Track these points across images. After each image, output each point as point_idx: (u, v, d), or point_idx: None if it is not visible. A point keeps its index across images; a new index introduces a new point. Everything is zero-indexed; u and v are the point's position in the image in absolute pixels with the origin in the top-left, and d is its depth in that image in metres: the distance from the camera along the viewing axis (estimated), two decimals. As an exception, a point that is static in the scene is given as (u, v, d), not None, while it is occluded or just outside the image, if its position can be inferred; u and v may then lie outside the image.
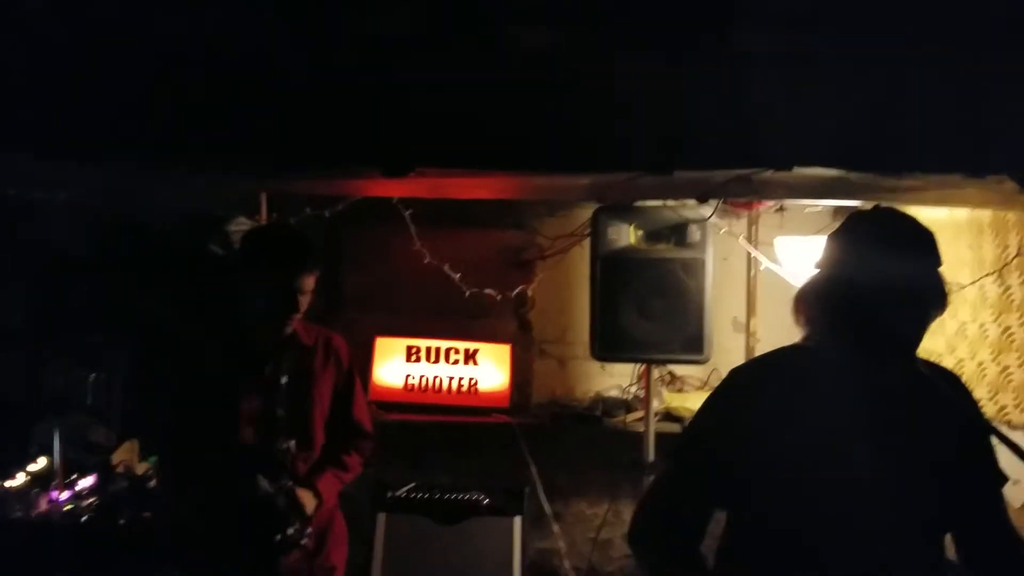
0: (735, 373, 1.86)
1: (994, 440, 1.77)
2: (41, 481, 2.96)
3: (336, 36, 2.02)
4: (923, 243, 1.73)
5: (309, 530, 2.43)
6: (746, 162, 2.08)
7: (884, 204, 1.98)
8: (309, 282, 2.39)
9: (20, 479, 3.00)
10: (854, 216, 1.82)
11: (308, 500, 2.44)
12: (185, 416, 2.40)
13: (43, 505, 2.91)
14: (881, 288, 1.66)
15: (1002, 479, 1.81)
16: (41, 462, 3.03)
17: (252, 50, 2.01)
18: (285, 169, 2.31)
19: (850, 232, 1.77)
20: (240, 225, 3.18)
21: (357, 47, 2.04)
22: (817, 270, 1.80)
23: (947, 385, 1.78)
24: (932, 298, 1.71)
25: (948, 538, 1.82)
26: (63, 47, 2.05)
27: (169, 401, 2.47)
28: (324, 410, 2.56)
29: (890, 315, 1.67)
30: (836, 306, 1.73)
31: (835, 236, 1.79)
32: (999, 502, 1.82)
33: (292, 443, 2.43)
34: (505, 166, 2.13)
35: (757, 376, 1.85)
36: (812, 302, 1.78)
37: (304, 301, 2.39)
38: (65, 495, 2.93)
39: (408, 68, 2.04)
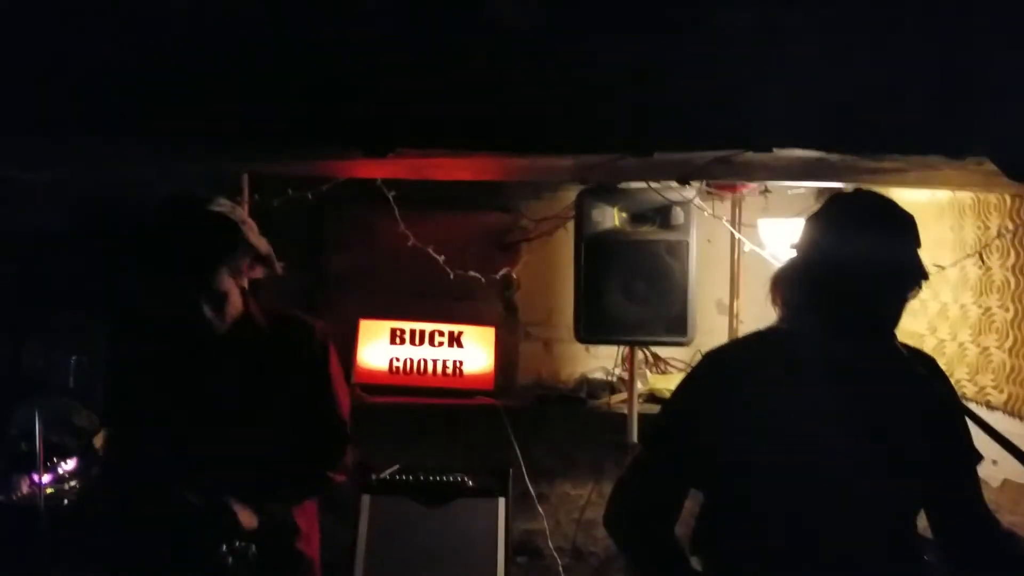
0: (709, 356, 1.87)
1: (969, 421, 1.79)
2: (22, 464, 2.95)
3: (315, 13, 2.00)
4: (902, 225, 1.74)
5: (252, 549, 2.12)
6: (726, 143, 2.07)
7: (865, 186, 1.99)
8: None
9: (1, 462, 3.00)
10: (833, 198, 1.83)
11: (246, 517, 2.14)
12: (125, 405, 2.26)
13: (24, 488, 2.90)
14: (859, 269, 1.68)
15: (975, 458, 1.83)
16: (22, 445, 3.01)
17: (229, 27, 1.98)
18: (263, 149, 2.29)
19: (829, 214, 1.78)
20: (221, 206, 3.15)
21: (336, 25, 2.02)
22: (794, 252, 1.81)
23: (923, 366, 1.79)
24: (910, 280, 1.72)
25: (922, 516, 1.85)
26: (40, 23, 2.02)
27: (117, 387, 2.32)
28: (288, 410, 2.28)
29: (868, 296, 1.69)
30: (813, 288, 1.74)
31: (814, 218, 1.80)
32: (972, 481, 1.84)
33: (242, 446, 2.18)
34: (485, 147, 2.12)
35: (731, 359, 1.87)
36: (789, 284, 1.79)
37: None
38: (47, 478, 2.93)
39: (387, 47, 2.02)
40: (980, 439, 1.78)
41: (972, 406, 2.82)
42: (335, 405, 2.37)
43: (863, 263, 1.67)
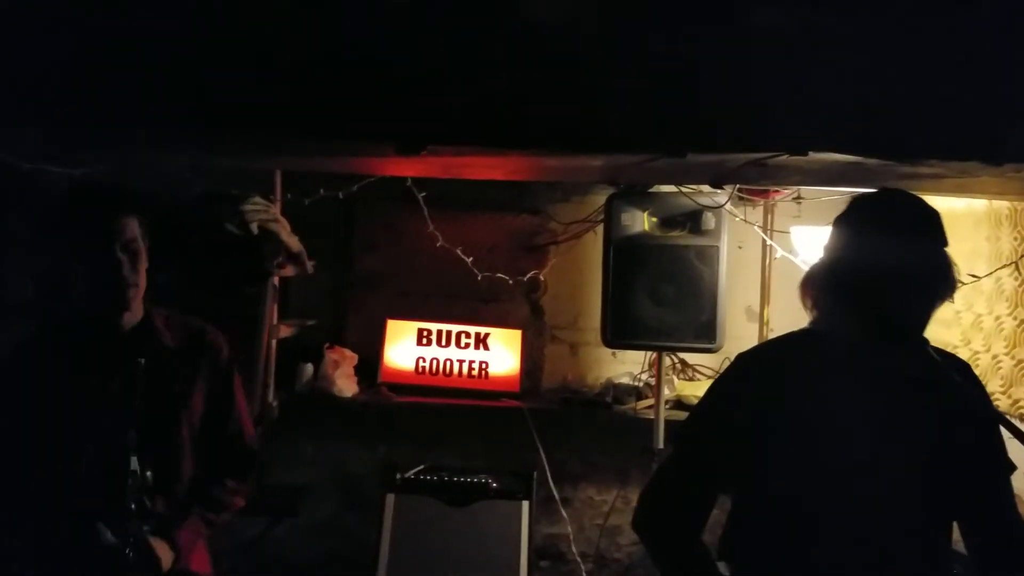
0: (740, 359, 1.85)
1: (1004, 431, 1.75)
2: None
3: (350, 10, 2.02)
4: (928, 224, 1.71)
5: None
6: (761, 146, 2.06)
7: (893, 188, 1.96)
8: (130, 228, 1.90)
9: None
10: (859, 199, 1.80)
11: (164, 553, 1.92)
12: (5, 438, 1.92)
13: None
14: (886, 270, 1.65)
15: (1008, 468, 1.79)
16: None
17: (264, 22, 2.00)
18: (296, 145, 2.30)
19: (855, 215, 1.76)
20: (255, 204, 3.19)
21: (370, 23, 2.03)
22: (824, 255, 1.79)
23: (956, 372, 1.76)
24: (938, 279, 1.69)
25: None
26: (75, 20, 2.05)
27: None
28: (194, 429, 2.07)
29: (895, 297, 1.66)
30: (841, 290, 1.72)
31: (840, 219, 1.78)
32: (1004, 491, 1.80)
33: (148, 475, 1.88)
34: (518, 145, 2.13)
35: (762, 361, 1.85)
36: (818, 286, 1.78)
37: (136, 268, 1.90)
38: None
39: (421, 45, 2.03)
40: (1017, 451, 1.75)
41: (1006, 419, 2.77)
42: (245, 416, 2.19)
43: (887, 263, 1.65)
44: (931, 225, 1.70)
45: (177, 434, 2.03)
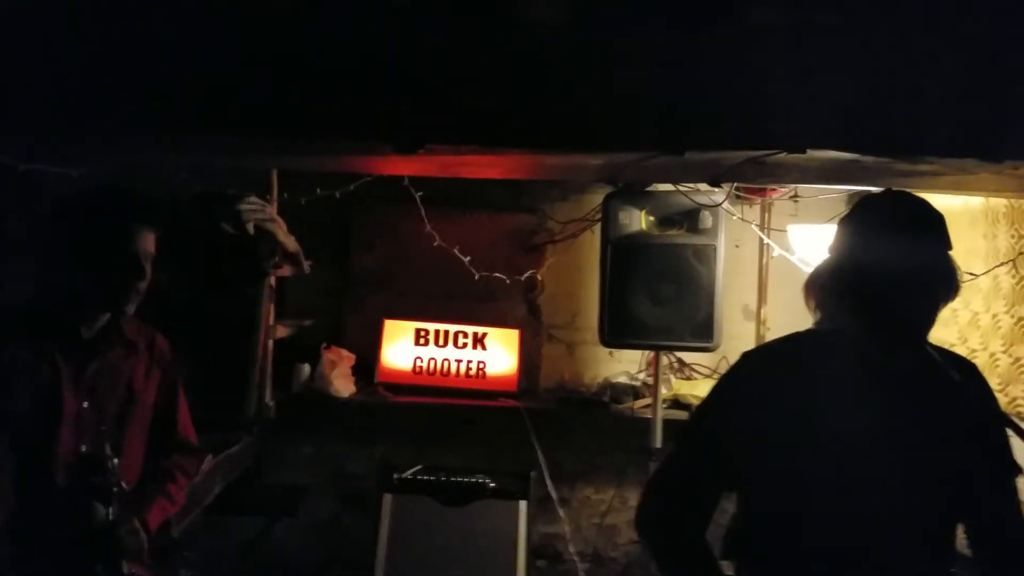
0: (745, 357, 1.84)
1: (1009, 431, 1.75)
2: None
3: (347, 10, 2.01)
4: (932, 227, 1.71)
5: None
6: (759, 144, 2.06)
7: (898, 189, 1.96)
8: (151, 243, 1.95)
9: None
10: (864, 200, 1.80)
11: (143, 533, 1.98)
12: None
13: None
14: (889, 272, 1.65)
15: (1015, 470, 1.79)
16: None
17: (262, 22, 2.00)
18: (295, 144, 2.30)
19: (859, 216, 1.76)
20: (251, 204, 3.18)
21: (368, 22, 2.03)
22: (828, 255, 1.79)
23: (960, 373, 1.76)
24: (941, 282, 1.69)
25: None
26: (74, 22, 2.04)
27: None
28: (147, 423, 2.11)
29: (899, 299, 1.66)
30: (845, 291, 1.71)
31: (845, 220, 1.77)
32: (1011, 493, 1.79)
33: (115, 461, 1.90)
34: (516, 144, 2.12)
35: (767, 360, 1.84)
36: (821, 287, 1.77)
37: (147, 270, 1.95)
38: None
39: (419, 44, 2.03)
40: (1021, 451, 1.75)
41: (1004, 417, 2.77)
42: (188, 418, 2.25)
43: (892, 265, 1.65)
44: (936, 228, 1.70)
45: (135, 425, 2.07)
